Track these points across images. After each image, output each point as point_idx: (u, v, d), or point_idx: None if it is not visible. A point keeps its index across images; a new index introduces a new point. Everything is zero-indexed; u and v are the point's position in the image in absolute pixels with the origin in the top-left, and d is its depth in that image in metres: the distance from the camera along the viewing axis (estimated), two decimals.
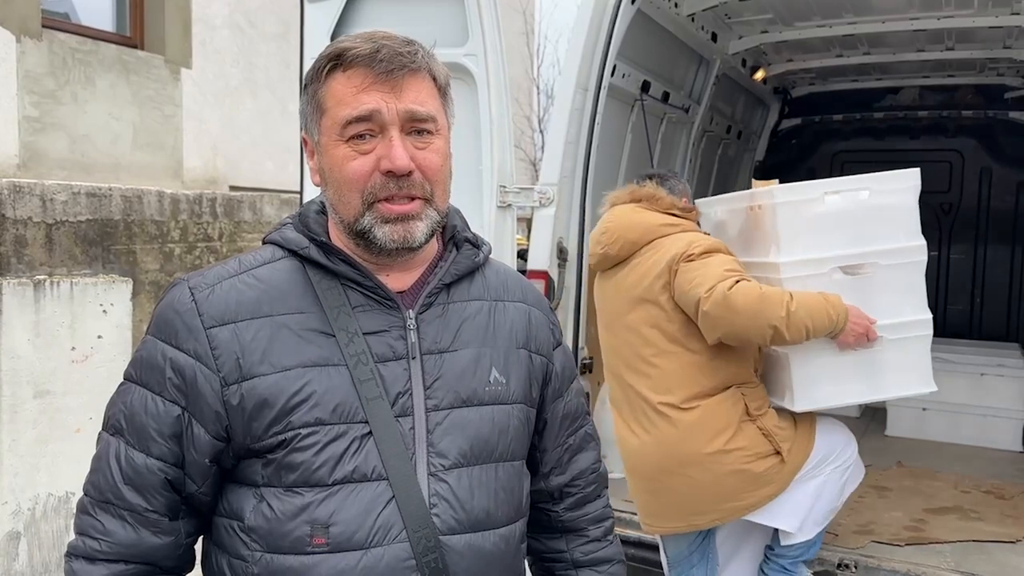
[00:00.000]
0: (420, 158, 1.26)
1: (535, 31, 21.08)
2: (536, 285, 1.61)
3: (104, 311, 4.54)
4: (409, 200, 1.25)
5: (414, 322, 1.31)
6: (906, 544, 3.13)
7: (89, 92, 5.32)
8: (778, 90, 6.05)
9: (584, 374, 3.60)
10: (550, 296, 3.34)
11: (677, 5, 4.14)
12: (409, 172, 1.24)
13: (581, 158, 3.45)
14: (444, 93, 1.32)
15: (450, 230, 1.41)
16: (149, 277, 5.03)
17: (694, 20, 4.39)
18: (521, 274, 1.57)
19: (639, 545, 3.22)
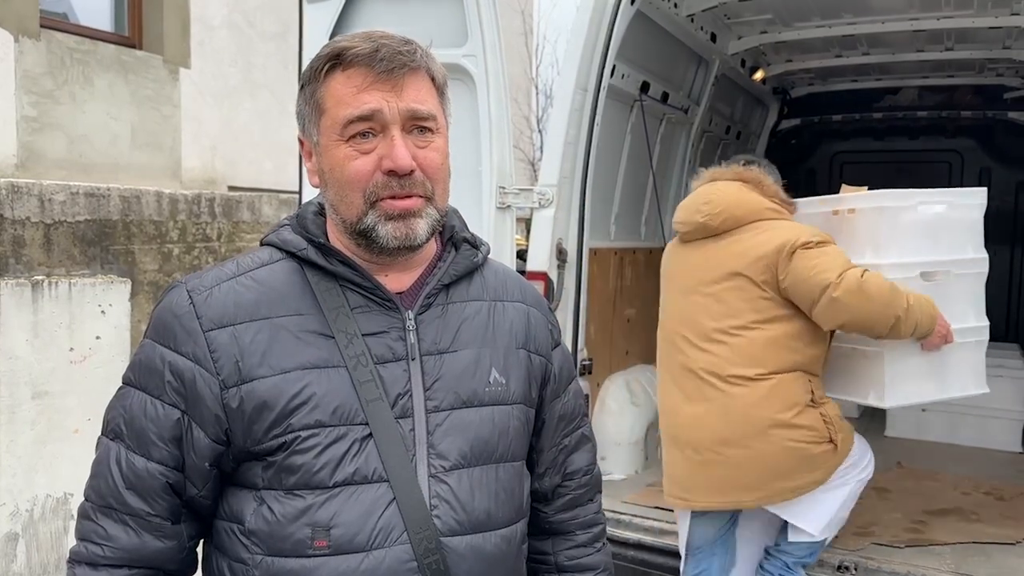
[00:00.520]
0: (421, 157, 1.25)
1: (533, 31, 21.08)
2: (535, 286, 1.61)
3: (102, 312, 4.53)
4: (410, 196, 1.25)
5: (413, 323, 1.30)
6: (906, 546, 3.13)
7: (87, 92, 5.32)
8: (777, 90, 6.05)
9: (583, 375, 3.59)
10: (549, 297, 3.34)
11: (676, 6, 4.13)
12: (411, 171, 1.24)
13: (580, 159, 3.45)
14: (442, 92, 1.32)
15: (449, 230, 1.41)
16: (147, 277, 5.03)
17: (693, 20, 4.38)
18: (520, 274, 1.57)
19: (638, 547, 3.22)
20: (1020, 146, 5.75)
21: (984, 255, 3.06)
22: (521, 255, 3.61)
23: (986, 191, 3.07)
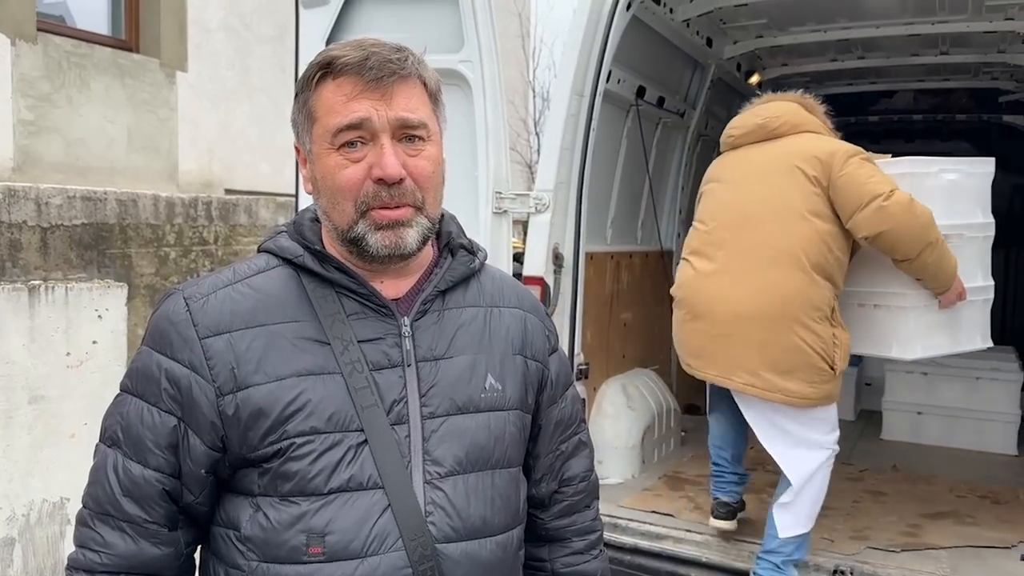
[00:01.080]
0: (411, 165, 1.26)
1: (531, 34, 21.11)
2: (532, 291, 1.62)
3: (99, 316, 4.53)
4: (399, 206, 1.25)
5: (409, 329, 1.30)
6: (902, 549, 3.13)
7: (84, 95, 5.31)
8: None
9: (580, 380, 3.60)
10: (546, 302, 3.34)
11: (672, 11, 4.14)
12: (400, 179, 1.24)
13: (577, 164, 3.46)
14: (435, 99, 1.32)
15: (445, 236, 1.41)
16: (144, 281, 5.02)
17: (689, 25, 4.40)
18: (517, 279, 1.57)
19: (635, 552, 3.22)
20: (1015, 149, 5.77)
21: (991, 220, 3.29)
22: (518, 258, 3.62)
23: (994, 160, 3.26)
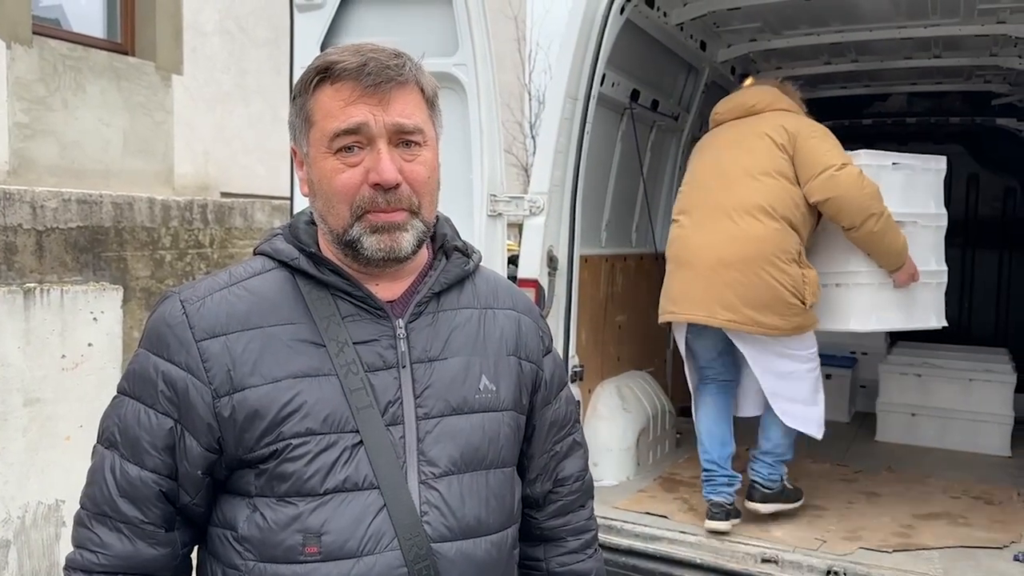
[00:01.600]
0: (407, 170, 1.27)
1: (527, 37, 21.15)
2: (526, 293, 1.63)
3: (94, 319, 4.53)
4: (395, 210, 1.27)
5: (404, 331, 1.32)
6: (894, 550, 3.14)
7: (80, 98, 5.31)
8: None
9: (575, 382, 3.61)
10: (540, 304, 3.35)
11: (666, 14, 4.16)
12: (397, 184, 1.25)
13: (571, 167, 3.46)
14: (432, 105, 1.33)
15: (440, 239, 1.42)
16: (140, 284, 5.03)
17: (683, 29, 4.41)
18: (512, 282, 1.59)
19: (630, 553, 3.23)
20: (1008, 152, 5.80)
21: (944, 211, 3.63)
22: (513, 260, 3.62)
23: (946, 159, 3.66)
